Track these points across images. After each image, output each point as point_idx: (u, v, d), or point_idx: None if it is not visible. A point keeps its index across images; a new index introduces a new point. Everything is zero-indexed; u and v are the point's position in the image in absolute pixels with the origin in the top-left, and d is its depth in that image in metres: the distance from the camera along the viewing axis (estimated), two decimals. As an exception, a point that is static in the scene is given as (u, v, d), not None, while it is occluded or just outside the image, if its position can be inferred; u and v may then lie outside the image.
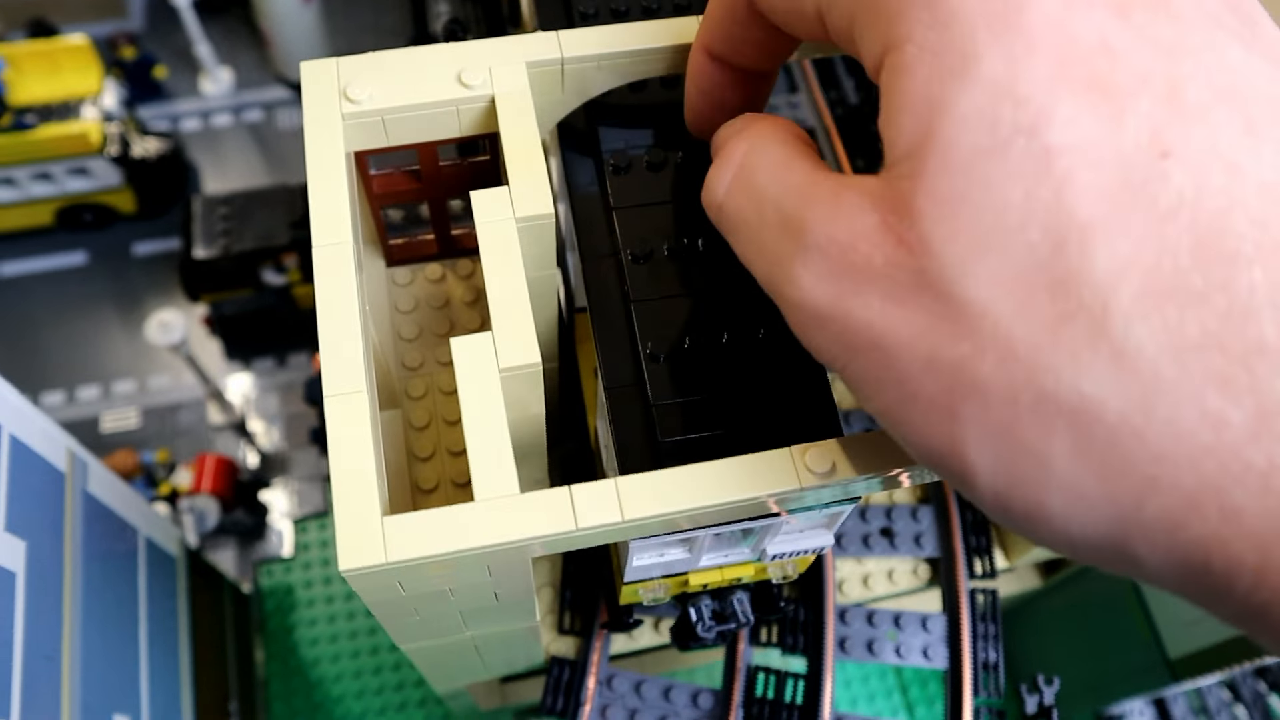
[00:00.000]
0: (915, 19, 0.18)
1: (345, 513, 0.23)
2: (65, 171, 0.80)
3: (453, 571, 0.24)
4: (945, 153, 0.18)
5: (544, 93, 0.30)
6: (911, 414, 0.19)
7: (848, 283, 0.19)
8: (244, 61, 0.94)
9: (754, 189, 0.22)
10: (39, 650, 0.34)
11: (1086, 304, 0.16)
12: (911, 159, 0.18)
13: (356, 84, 0.28)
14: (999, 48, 0.17)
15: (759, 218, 0.22)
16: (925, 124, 0.18)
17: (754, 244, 0.22)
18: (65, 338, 0.79)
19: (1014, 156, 0.17)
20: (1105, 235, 0.16)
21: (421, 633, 0.30)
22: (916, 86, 0.18)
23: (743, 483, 0.24)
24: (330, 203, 0.27)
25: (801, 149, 0.22)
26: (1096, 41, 0.17)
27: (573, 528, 0.23)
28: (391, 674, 0.61)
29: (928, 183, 0.18)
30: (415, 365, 0.35)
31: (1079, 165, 0.17)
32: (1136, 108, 0.17)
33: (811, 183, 0.21)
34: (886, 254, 0.18)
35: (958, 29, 0.18)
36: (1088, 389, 0.17)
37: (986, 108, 0.17)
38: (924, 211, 0.18)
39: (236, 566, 0.67)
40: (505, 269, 0.26)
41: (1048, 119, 0.17)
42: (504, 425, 0.24)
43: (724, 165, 0.23)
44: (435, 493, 0.33)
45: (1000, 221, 0.17)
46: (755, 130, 0.23)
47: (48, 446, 0.37)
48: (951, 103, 0.18)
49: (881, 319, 0.19)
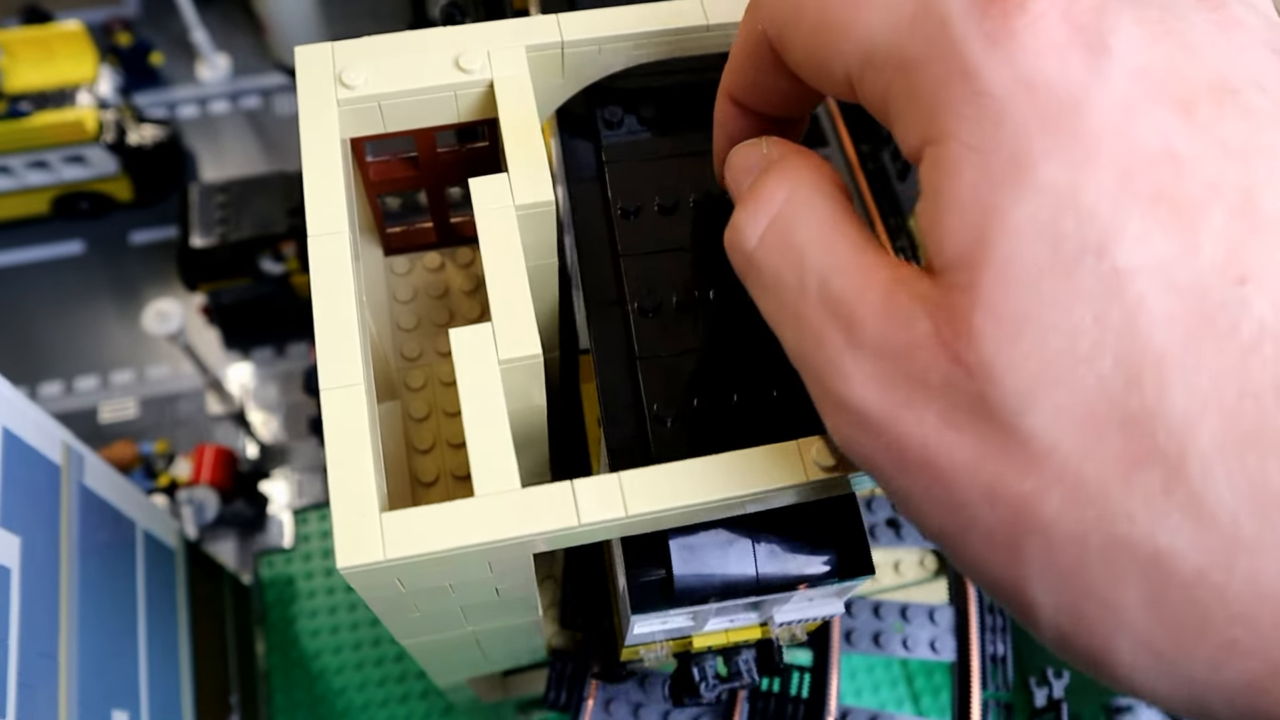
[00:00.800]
0: (959, 113, 0.17)
1: (342, 510, 0.22)
2: (61, 160, 0.79)
3: (453, 568, 0.24)
4: (1004, 267, 0.16)
5: (544, 77, 0.29)
6: (968, 540, 0.18)
7: (901, 393, 0.17)
8: (241, 47, 0.93)
9: (794, 249, 0.20)
10: (36, 647, 0.33)
11: (1162, 446, 0.15)
12: (966, 269, 0.17)
13: (352, 69, 0.27)
14: (1057, 152, 0.16)
15: (798, 285, 0.20)
16: (978, 232, 0.16)
17: (790, 314, 0.20)
18: (63, 328, 0.78)
19: (1081, 277, 0.16)
20: (1182, 370, 0.15)
21: (422, 628, 0.29)
22: (965, 189, 0.17)
23: (747, 477, 0.23)
24: (325, 191, 0.26)
25: (845, 205, 0.20)
26: (1161, 146, 0.16)
27: (575, 523, 0.23)
28: (394, 665, 0.60)
29: (986, 299, 0.16)
30: (414, 356, 0.34)
31: (1152, 290, 0.15)
32: (1210, 224, 0.15)
33: (862, 263, 0.19)
34: (943, 371, 0.17)
35: (1009, 128, 0.16)
36: (1163, 540, 0.15)
37: (1048, 220, 0.16)
38: (983, 332, 0.16)
39: (237, 558, 0.67)
40: (505, 258, 0.25)
41: (1116, 236, 0.15)
42: (504, 418, 0.24)
43: (757, 208, 0.21)
44: (435, 486, 0.32)
45: (1068, 349, 0.16)
46: (794, 173, 0.21)
47: (42, 440, 0.37)
48: (1007, 212, 0.16)
49: (937, 439, 0.17)
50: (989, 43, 0.17)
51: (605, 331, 0.27)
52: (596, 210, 0.29)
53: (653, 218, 0.28)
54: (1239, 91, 0.16)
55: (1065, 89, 0.16)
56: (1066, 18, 0.16)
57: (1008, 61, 0.16)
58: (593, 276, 0.28)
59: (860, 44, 0.19)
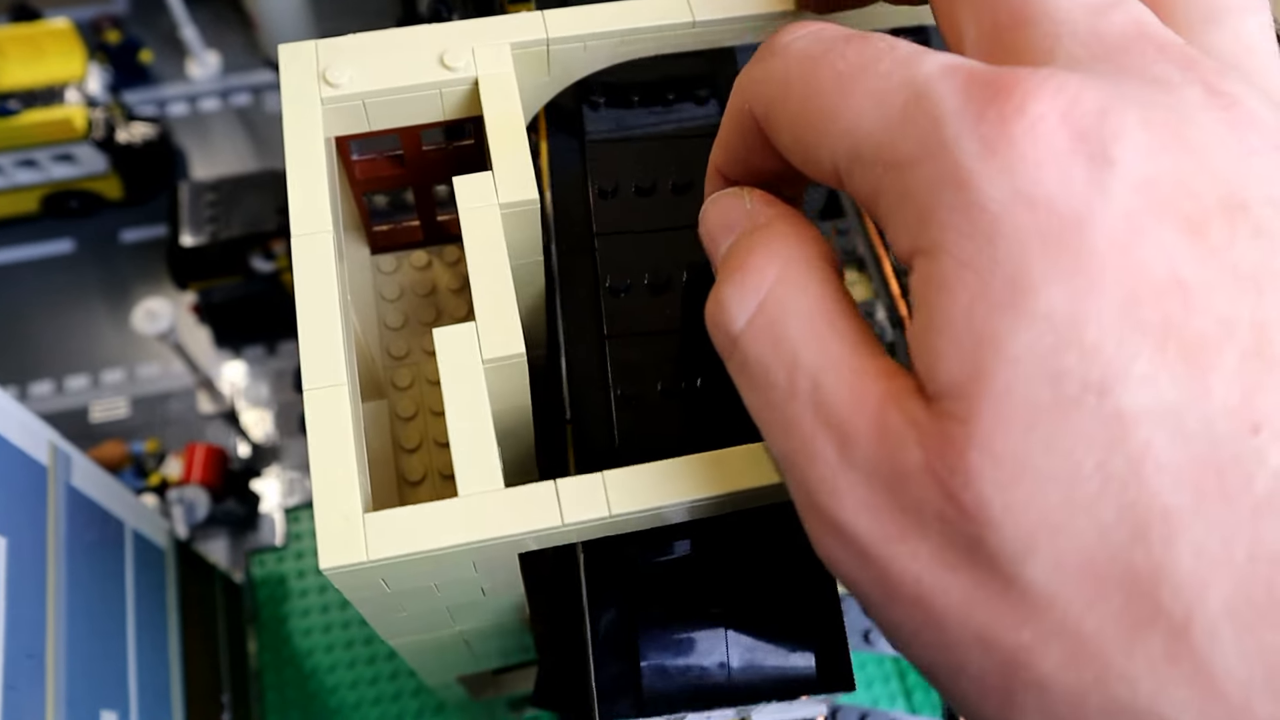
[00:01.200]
0: (950, 224, 0.16)
1: (325, 510, 0.22)
2: (50, 158, 0.79)
3: (437, 568, 0.24)
4: (1001, 402, 0.15)
5: (529, 74, 0.29)
6: (958, 681, 0.17)
7: (894, 524, 0.16)
8: (231, 45, 0.93)
9: (785, 343, 0.18)
10: (22, 649, 0.33)
11: (1167, 609, 0.14)
12: (960, 399, 0.15)
13: (336, 67, 0.27)
14: (1057, 277, 0.15)
15: (788, 385, 0.18)
16: (974, 361, 0.15)
17: (779, 416, 0.18)
18: (53, 327, 0.78)
19: (1083, 419, 0.14)
20: (1190, 527, 0.14)
21: (409, 628, 0.29)
22: (958, 311, 0.15)
23: (733, 475, 0.23)
24: (309, 190, 0.26)
25: (839, 288, 0.19)
26: (1168, 274, 0.15)
27: (558, 523, 0.23)
28: (385, 663, 0.60)
29: (982, 436, 0.15)
30: (401, 354, 0.34)
31: (1159, 436, 0.14)
32: (1222, 365, 0.14)
33: (857, 369, 0.18)
34: (937, 507, 0.16)
35: (1006, 246, 0.15)
36: (1166, 710, 0.14)
37: (1048, 354, 0.15)
38: (980, 472, 0.15)
39: (228, 556, 0.67)
40: (489, 257, 0.25)
41: (1120, 376, 0.14)
42: (488, 418, 0.24)
43: (745, 285, 0.19)
44: (422, 484, 0.32)
45: (1069, 496, 0.15)
46: (785, 246, 0.19)
47: (29, 440, 0.37)
48: (1005, 341, 0.15)
49: (930, 577, 0.16)
50: (985, 149, 0.15)
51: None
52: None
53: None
54: (1251, 208, 0.15)
55: (1066, 205, 0.15)
56: (1067, 122, 0.15)
57: (1005, 171, 0.15)
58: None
59: (848, 135, 0.18)
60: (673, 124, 0.30)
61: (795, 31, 0.20)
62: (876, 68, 0.17)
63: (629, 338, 0.27)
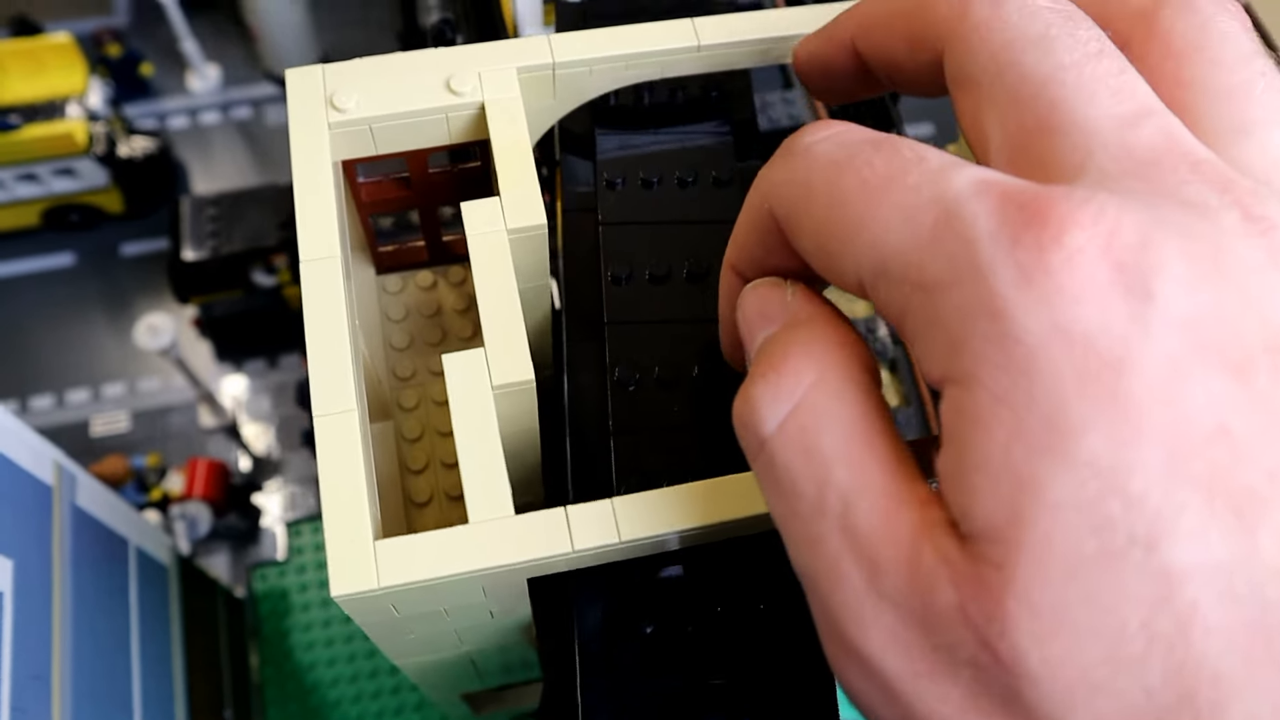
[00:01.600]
0: (984, 355, 0.15)
1: (336, 537, 0.22)
2: (51, 172, 0.79)
3: (447, 594, 0.24)
4: (1042, 551, 0.14)
5: (535, 98, 0.29)
6: None
7: (925, 663, 0.16)
8: (231, 58, 0.93)
9: (818, 456, 0.17)
10: (28, 670, 0.33)
11: None
12: (998, 544, 0.15)
13: (343, 92, 0.28)
14: (1101, 422, 0.14)
15: (817, 500, 0.17)
16: (1012, 505, 0.15)
17: (805, 530, 0.17)
18: (54, 340, 0.78)
19: (1128, 572, 0.14)
20: (1241, 695, 0.13)
21: (417, 650, 0.29)
22: (995, 450, 0.15)
23: (746, 501, 0.24)
24: (318, 216, 0.26)
25: (878, 402, 0.18)
26: (1215, 422, 0.14)
27: (569, 550, 0.23)
28: (388, 678, 0.60)
29: (1021, 585, 0.14)
30: (407, 375, 0.34)
31: (1208, 596, 0.14)
32: (1271, 520, 0.14)
33: (892, 493, 0.17)
34: (970, 652, 0.15)
35: (1042, 384, 0.14)
36: None
37: (1091, 503, 0.14)
38: (1018, 623, 0.14)
39: (230, 571, 0.67)
40: (497, 282, 0.25)
41: (1168, 530, 0.14)
42: (498, 444, 0.24)
43: (779, 387, 0.18)
44: (429, 506, 0.32)
45: (1113, 654, 0.14)
46: (825, 351, 0.18)
47: (33, 460, 0.37)
48: (1045, 487, 0.14)
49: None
50: (1021, 278, 0.15)
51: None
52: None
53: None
54: None
55: (1106, 344, 0.14)
56: (1107, 254, 0.14)
57: (1043, 303, 0.14)
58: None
59: (873, 248, 0.17)
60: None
61: (817, 132, 0.19)
62: (905, 180, 0.17)
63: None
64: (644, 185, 0.29)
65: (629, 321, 0.27)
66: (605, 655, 0.25)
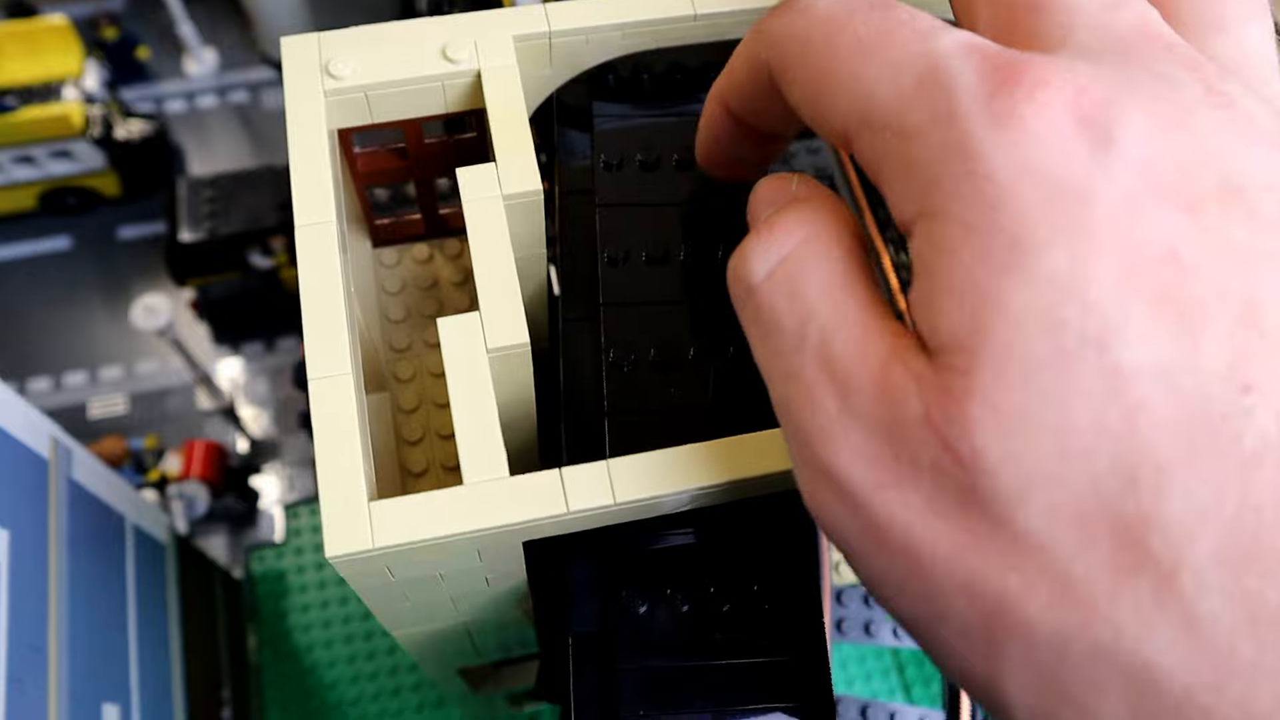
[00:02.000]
0: (954, 191, 0.16)
1: (331, 498, 0.22)
2: (47, 155, 0.79)
3: (442, 556, 0.24)
4: (1002, 356, 0.16)
5: (532, 67, 0.29)
6: (939, 631, 0.17)
7: (889, 472, 0.17)
8: (228, 41, 0.93)
9: (800, 296, 0.19)
10: (25, 640, 0.33)
11: (1156, 556, 0.15)
12: (962, 353, 0.16)
13: (338, 60, 0.27)
14: (1060, 241, 0.15)
15: (798, 334, 0.19)
16: (976, 317, 0.16)
17: (784, 365, 0.19)
18: (51, 323, 0.78)
19: (1081, 372, 0.15)
20: (1181, 479, 0.14)
21: (412, 618, 0.29)
22: (960, 271, 0.16)
23: (739, 463, 0.24)
24: (313, 182, 0.26)
25: (862, 260, 0.20)
26: (1165, 247, 0.15)
27: (563, 511, 0.23)
28: (386, 658, 0.60)
29: (982, 388, 0.16)
30: (403, 347, 0.34)
31: (1155, 392, 0.15)
32: (1214, 329, 0.15)
33: (868, 327, 0.18)
34: (933, 456, 0.16)
35: (1009, 211, 0.16)
36: (1150, 653, 0.15)
37: (1047, 309, 0.15)
38: (978, 422, 0.16)
39: (228, 553, 0.67)
40: (493, 248, 0.25)
41: (1119, 332, 0.15)
42: (493, 406, 0.24)
43: (770, 244, 0.20)
44: (425, 476, 0.32)
45: (1064, 447, 0.15)
46: (816, 215, 0.20)
47: (30, 434, 0.37)
48: (1006, 298, 0.16)
49: (920, 525, 0.17)
50: (995, 123, 0.16)
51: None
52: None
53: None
54: (1246, 191, 0.16)
55: (1068, 180, 0.16)
56: (1074, 108, 0.16)
57: (1013, 145, 0.16)
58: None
59: (861, 99, 0.18)
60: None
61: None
62: (896, 38, 0.18)
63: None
64: (642, 167, 0.28)
65: (624, 304, 0.27)
66: (598, 635, 0.25)
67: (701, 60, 0.31)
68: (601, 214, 0.28)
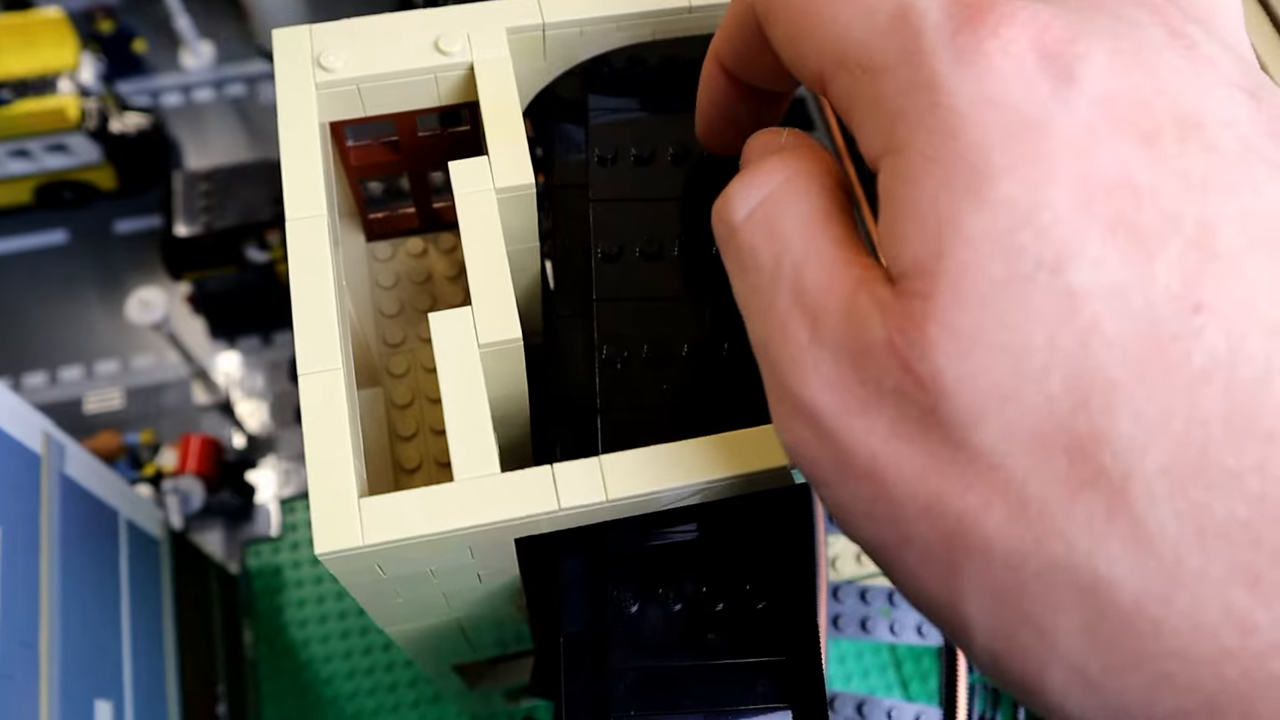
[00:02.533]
0: (919, 123, 0.17)
1: (320, 494, 0.22)
2: (43, 148, 0.78)
3: (433, 553, 0.24)
4: (959, 279, 0.16)
5: (525, 60, 0.29)
6: (904, 555, 0.17)
7: (855, 399, 0.17)
8: (225, 34, 0.92)
9: (778, 233, 0.20)
10: (15, 637, 0.33)
11: (1107, 470, 0.15)
12: (922, 278, 0.16)
13: (330, 52, 0.27)
14: (1018, 168, 0.16)
15: (774, 269, 0.19)
16: (935, 242, 0.16)
17: (760, 299, 0.20)
18: (46, 318, 0.78)
19: (1035, 294, 0.15)
20: (1131, 396, 0.15)
21: (405, 615, 0.29)
22: (923, 199, 0.17)
23: (731, 459, 0.23)
24: (304, 175, 0.26)
25: (840, 202, 0.20)
26: (1121, 175, 0.16)
27: (555, 507, 0.23)
28: (382, 654, 0.60)
29: (941, 311, 0.16)
30: (397, 342, 0.34)
31: (1106, 313, 0.15)
32: (1167, 253, 0.15)
33: (839, 260, 0.18)
34: (895, 380, 0.17)
35: (968, 141, 0.16)
36: (1101, 566, 0.15)
37: (1004, 233, 0.16)
38: (937, 344, 0.16)
39: (223, 548, 0.67)
40: (485, 241, 0.25)
41: (1072, 256, 0.15)
42: (484, 402, 0.23)
43: (752, 184, 0.20)
44: (418, 472, 0.32)
45: (1019, 367, 0.15)
46: (798, 159, 0.21)
47: (21, 429, 0.36)
48: (965, 222, 0.16)
49: (885, 449, 0.17)
50: (958, 58, 0.17)
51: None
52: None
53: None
54: (1204, 126, 0.16)
55: (1028, 111, 0.16)
56: (1036, 45, 0.16)
57: (975, 79, 0.16)
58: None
59: (836, 40, 0.19)
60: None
61: None
62: None
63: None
64: (636, 161, 0.28)
65: (618, 299, 0.27)
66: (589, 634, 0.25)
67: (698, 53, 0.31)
68: (595, 209, 0.27)
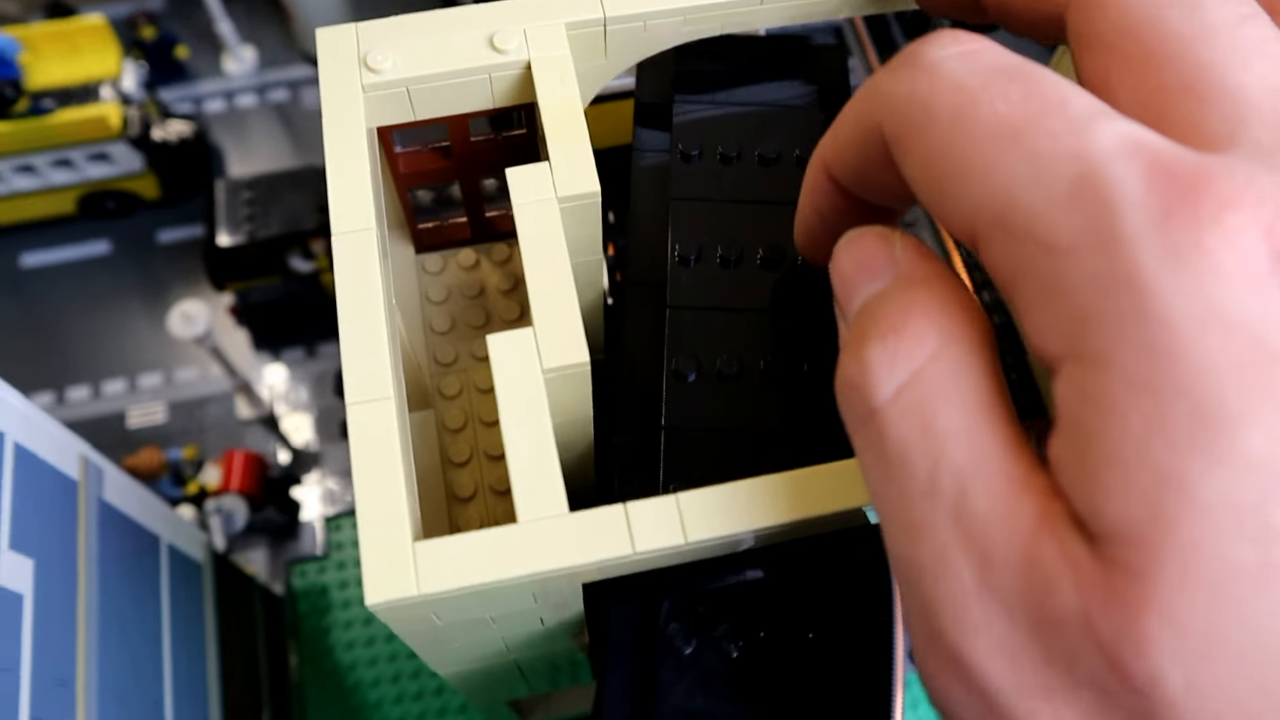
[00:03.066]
0: (1121, 334, 0.13)
1: (371, 539, 0.20)
2: (85, 158, 0.77)
3: (494, 600, 0.22)
4: (1188, 559, 0.13)
5: (585, 57, 0.27)
6: None
7: (1037, 676, 0.14)
8: (267, 39, 0.91)
9: (934, 428, 0.16)
10: (50, 675, 0.31)
11: None
12: (1134, 547, 0.13)
13: (378, 51, 0.25)
14: (1263, 416, 0.12)
15: (929, 481, 0.16)
16: (1154, 504, 0.13)
17: (911, 513, 0.16)
18: (90, 330, 0.77)
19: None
20: None
21: (460, 660, 0.27)
22: (1131, 442, 0.13)
23: (817, 497, 0.21)
24: (351, 185, 0.24)
25: (999, 377, 0.16)
26: None
27: (629, 551, 0.20)
28: (431, 678, 0.58)
29: (1163, 599, 0.13)
30: (449, 361, 0.32)
31: None
32: None
33: (1014, 480, 0.15)
34: (1095, 670, 0.13)
35: (1192, 372, 0.13)
36: None
37: (1251, 507, 0.12)
38: (1158, 642, 0.13)
39: (268, 567, 0.65)
40: (547, 256, 0.23)
41: None
42: (549, 435, 0.21)
43: (897, 352, 0.16)
44: (473, 501, 0.30)
45: (1272, 684, 0.12)
46: (947, 317, 0.17)
47: (58, 453, 0.35)
48: (1195, 486, 0.13)
49: None
50: (1171, 255, 0.13)
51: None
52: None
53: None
54: None
55: (1268, 334, 0.13)
56: (1270, 238, 0.13)
57: (1197, 285, 0.13)
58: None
59: (997, 196, 0.15)
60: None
61: (947, 46, 0.17)
62: (1043, 124, 0.15)
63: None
64: (722, 160, 0.26)
65: (693, 307, 0.25)
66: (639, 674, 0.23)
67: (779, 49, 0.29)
68: (675, 207, 0.26)
